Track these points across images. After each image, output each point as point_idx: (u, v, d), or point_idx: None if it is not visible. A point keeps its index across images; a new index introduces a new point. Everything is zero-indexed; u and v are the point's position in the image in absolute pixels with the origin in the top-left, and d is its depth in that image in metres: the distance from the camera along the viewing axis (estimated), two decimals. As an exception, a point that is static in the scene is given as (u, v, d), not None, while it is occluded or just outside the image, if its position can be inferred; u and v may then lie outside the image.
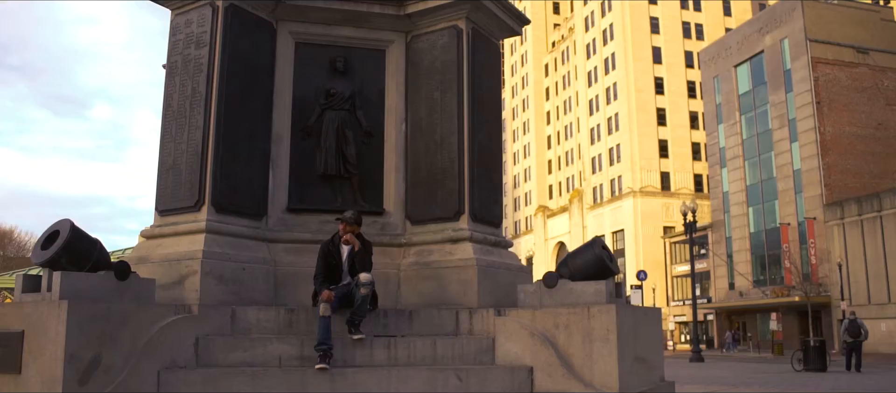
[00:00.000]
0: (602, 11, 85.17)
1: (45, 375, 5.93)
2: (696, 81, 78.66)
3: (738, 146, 60.10)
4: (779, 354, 46.30)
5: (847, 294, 45.81)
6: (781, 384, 18.48)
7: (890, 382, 19.67)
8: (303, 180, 8.75)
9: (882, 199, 46.24)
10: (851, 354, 24.89)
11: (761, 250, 57.82)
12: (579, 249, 8.41)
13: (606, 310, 7.21)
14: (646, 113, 78.97)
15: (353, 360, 7.08)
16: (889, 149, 52.88)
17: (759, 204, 57.97)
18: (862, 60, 53.31)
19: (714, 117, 63.58)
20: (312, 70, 8.93)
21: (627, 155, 79.18)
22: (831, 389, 17.06)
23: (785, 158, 54.77)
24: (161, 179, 8.17)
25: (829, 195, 50.53)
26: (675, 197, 77.39)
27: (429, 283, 8.37)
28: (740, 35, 60.94)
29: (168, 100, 8.31)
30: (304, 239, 8.49)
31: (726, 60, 61.64)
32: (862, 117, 52.39)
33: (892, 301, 45.12)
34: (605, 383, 7.06)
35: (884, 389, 17.51)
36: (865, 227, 47.00)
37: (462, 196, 8.53)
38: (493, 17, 9.22)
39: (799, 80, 53.07)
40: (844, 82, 52.37)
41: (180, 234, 7.81)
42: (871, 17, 56.19)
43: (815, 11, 53.82)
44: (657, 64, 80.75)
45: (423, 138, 8.86)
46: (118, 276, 6.77)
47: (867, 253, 46.83)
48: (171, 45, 8.43)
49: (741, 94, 60.17)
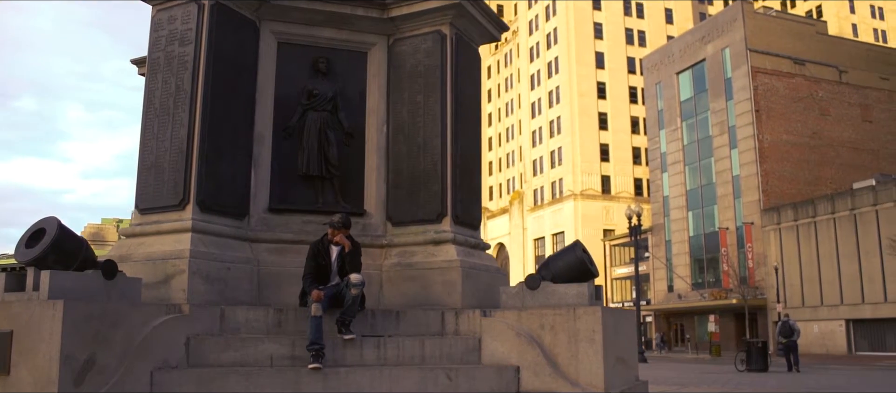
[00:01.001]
0: (546, 15, 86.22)
1: (38, 376, 5.82)
2: (637, 87, 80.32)
3: (679, 151, 61.57)
4: (716, 355, 47.65)
5: (783, 297, 47.41)
6: (729, 384, 19.07)
7: (830, 381, 20.49)
8: (284, 180, 8.74)
9: (816, 205, 48.00)
10: (788, 354, 25.84)
11: (700, 254, 59.33)
12: (560, 252, 8.61)
13: (592, 311, 7.41)
14: (588, 117, 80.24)
15: (343, 359, 7.12)
16: (822, 157, 54.91)
17: (699, 208, 59.49)
18: (798, 71, 55.26)
19: (656, 123, 64.98)
20: (294, 70, 8.92)
21: (569, 158, 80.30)
22: (789, 388, 17.69)
23: (724, 164, 56.35)
24: (142, 177, 8.05)
25: (767, 201, 52.21)
26: (615, 200, 78.95)
27: (412, 284, 8.46)
28: (683, 43, 62.45)
29: (149, 96, 8.19)
30: (286, 239, 8.49)
31: (669, 67, 63.10)
32: (798, 126, 54.28)
33: (824, 304, 46.87)
34: (591, 383, 7.26)
35: (828, 387, 18.22)
36: (800, 232, 48.73)
37: (445, 199, 8.63)
38: (476, 22, 9.35)
39: (739, 89, 54.69)
40: (782, 92, 54.20)
41: (164, 232, 7.72)
42: (808, 30, 58.26)
43: (756, 22, 55.58)
44: (600, 69, 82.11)
45: (406, 141, 8.93)
46: (105, 275, 6.68)
47: (802, 257, 48.56)
48: (153, 42, 8.32)
49: (683, 101, 61.65)
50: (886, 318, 43.66)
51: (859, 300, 44.92)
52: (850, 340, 45.79)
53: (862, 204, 45.13)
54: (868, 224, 44.47)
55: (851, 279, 45.28)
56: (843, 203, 46.32)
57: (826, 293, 46.84)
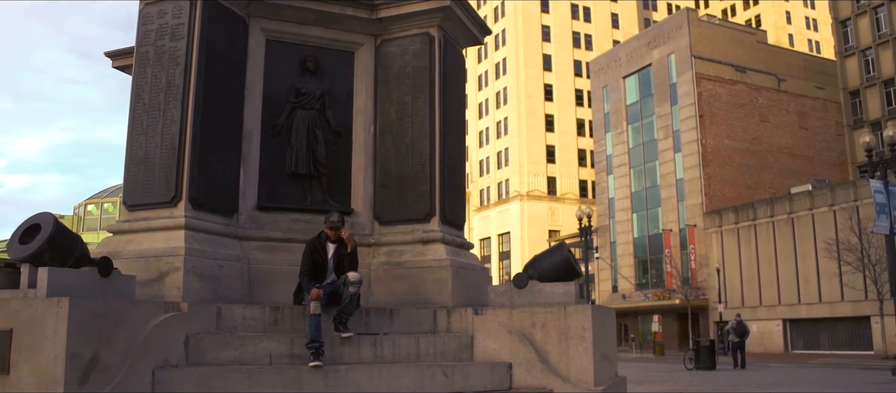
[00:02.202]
0: (495, 16, 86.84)
1: (41, 376, 5.71)
2: (583, 90, 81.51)
3: (625, 154, 62.79)
4: (660, 354, 48.75)
5: (724, 298, 48.80)
6: (690, 382, 19.61)
7: (776, 378, 21.25)
8: (273, 178, 8.73)
9: (756, 208, 49.57)
10: (736, 352, 26.68)
11: (644, 255, 60.62)
12: (546, 252, 8.83)
13: (582, 309, 7.63)
14: (535, 118, 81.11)
15: (341, 357, 7.17)
16: (762, 162, 56.72)
17: (643, 210, 60.77)
18: (740, 78, 56.96)
19: (602, 126, 66.12)
20: (282, 68, 8.91)
21: (515, 159, 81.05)
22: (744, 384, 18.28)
23: (668, 168, 57.71)
24: (130, 173, 7.95)
25: (709, 204, 53.66)
26: (560, 202, 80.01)
27: (401, 282, 8.54)
28: (630, 48, 63.69)
29: (138, 91, 8.09)
30: (275, 237, 8.49)
31: (616, 71, 64.29)
32: (739, 132, 55.96)
33: (763, 304, 48.42)
34: (581, 379, 7.47)
35: (777, 383, 18.90)
36: (741, 234, 50.23)
37: (433, 199, 8.74)
38: (462, 25, 9.49)
39: (683, 94, 56.08)
40: (724, 98, 55.79)
41: (155, 229, 7.64)
42: (749, 39, 60.10)
43: (700, 30, 57.07)
44: (547, 71, 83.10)
45: (394, 141, 9.01)
46: (101, 272, 6.58)
47: (742, 259, 50.06)
48: (141, 35, 8.22)
49: (629, 105, 62.89)
50: (821, 317, 45.38)
51: (796, 301, 46.56)
52: (787, 339, 47.42)
53: (799, 208, 46.78)
54: (805, 227, 46.11)
55: (789, 280, 46.90)
56: (781, 207, 47.94)
57: (765, 294, 48.41)
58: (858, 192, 42.89)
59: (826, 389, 16.71)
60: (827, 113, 60.64)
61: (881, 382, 18.81)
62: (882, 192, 22.63)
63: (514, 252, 78.58)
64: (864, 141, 23.28)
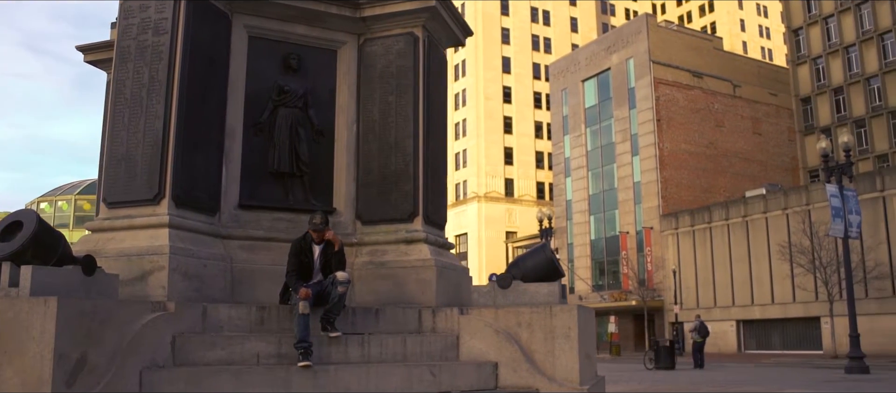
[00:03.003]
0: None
1: (26, 377, 5.55)
2: (542, 92, 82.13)
3: (583, 157, 63.42)
4: (616, 354, 49.38)
5: (679, 299, 49.63)
6: (655, 382, 19.89)
7: (737, 377, 21.69)
8: (254, 176, 8.63)
9: (712, 211, 50.52)
10: (697, 352, 27.16)
11: (601, 257, 61.31)
12: (529, 253, 8.88)
13: (568, 309, 7.70)
14: (493, 120, 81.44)
15: (328, 357, 7.12)
16: (717, 166, 57.87)
17: (601, 212, 61.46)
18: (697, 84, 58.00)
19: (561, 128, 66.70)
20: (265, 65, 8.82)
21: (474, 160, 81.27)
22: (706, 383, 18.60)
23: (626, 170, 58.47)
24: (111, 170, 7.78)
25: (665, 207, 54.52)
26: (518, 203, 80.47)
27: (385, 282, 8.51)
28: (589, 52, 64.37)
29: (119, 86, 7.92)
30: (257, 236, 8.40)
31: (575, 75, 64.91)
32: (695, 136, 56.99)
33: (717, 305, 49.35)
34: (567, 378, 7.54)
35: (737, 382, 19.28)
36: (697, 237, 51.13)
37: (416, 199, 8.73)
38: (446, 26, 9.51)
39: (642, 98, 56.90)
40: (681, 103, 56.76)
41: (137, 227, 7.50)
42: (706, 45, 61.25)
43: (659, 35, 57.97)
44: (506, 73, 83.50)
45: (377, 140, 8.98)
46: (85, 271, 6.44)
47: (697, 261, 50.96)
48: (123, 30, 8.05)
49: (587, 108, 63.55)
50: (773, 318, 46.45)
51: (749, 302, 47.55)
52: (740, 340, 48.41)
53: (753, 211, 47.79)
54: (759, 230, 47.12)
55: (742, 282, 47.89)
56: (736, 210, 48.92)
57: (719, 295, 49.35)
58: (811, 197, 44.02)
59: (787, 388, 17.10)
60: (780, 119, 62.10)
61: (836, 381, 19.33)
62: (838, 197, 23.25)
63: (471, 253, 78.76)
64: (821, 147, 23.88)
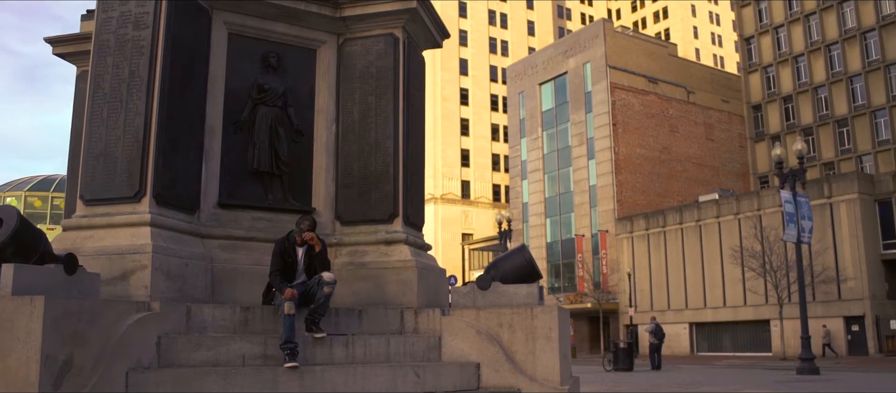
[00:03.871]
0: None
1: (11, 379, 5.43)
2: (498, 95, 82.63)
3: (539, 160, 63.98)
4: (572, 356, 49.86)
5: (634, 301, 50.39)
6: (607, 382, 20.19)
7: (694, 377, 22.14)
8: (234, 175, 8.55)
9: (666, 215, 51.41)
10: (654, 354, 27.63)
11: (557, 259, 61.89)
12: (507, 255, 8.98)
13: (549, 310, 7.81)
14: (450, 122, 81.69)
15: (313, 358, 7.11)
16: (671, 171, 58.91)
17: (557, 215, 62.06)
18: (652, 89, 59.00)
19: (517, 131, 67.18)
20: (245, 63, 8.74)
21: (430, 162, 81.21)
22: (667, 384, 18.94)
23: (582, 174, 59.16)
24: (89, 166, 7.63)
25: (621, 210, 55.31)
26: (474, 205, 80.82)
27: (365, 283, 8.51)
28: (546, 55, 64.97)
29: (97, 81, 7.77)
30: (237, 236, 8.32)
31: (532, 78, 65.46)
32: (650, 141, 57.94)
33: (671, 308, 50.23)
34: (548, 378, 7.65)
35: (697, 382, 19.69)
36: (651, 240, 51.98)
37: (397, 199, 8.74)
38: (425, 27, 9.55)
39: (598, 103, 57.64)
40: (637, 108, 57.66)
41: (117, 226, 7.37)
42: (661, 51, 62.35)
43: (615, 40, 58.80)
44: (463, 75, 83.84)
45: (357, 141, 8.97)
46: (67, 270, 6.33)
47: (652, 264, 51.81)
48: (101, 23, 7.90)
49: (544, 111, 64.13)
50: (724, 321, 47.48)
51: (702, 305, 48.51)
52: (693, 342, 49.37)
53: (706, 216, 48.78)
54: (711, 235, 48.11)
55: (695, 285, 48.84)
56: (690, 214, 49.87)
57: (673, 298, 50.25)
58: (762, 202, 45.10)
59: (742, 388, 17.51)
60: (732, 125, 63.48)
61: (788, 381, 19.88)
62: (791, 203, 23.89)
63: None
64: (776, 154, 24.51)
